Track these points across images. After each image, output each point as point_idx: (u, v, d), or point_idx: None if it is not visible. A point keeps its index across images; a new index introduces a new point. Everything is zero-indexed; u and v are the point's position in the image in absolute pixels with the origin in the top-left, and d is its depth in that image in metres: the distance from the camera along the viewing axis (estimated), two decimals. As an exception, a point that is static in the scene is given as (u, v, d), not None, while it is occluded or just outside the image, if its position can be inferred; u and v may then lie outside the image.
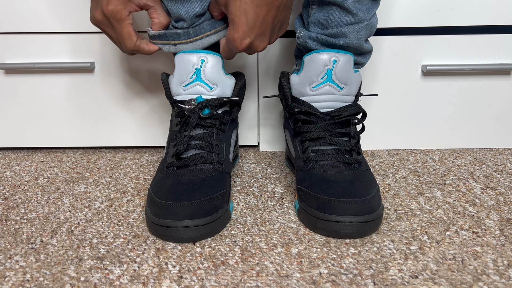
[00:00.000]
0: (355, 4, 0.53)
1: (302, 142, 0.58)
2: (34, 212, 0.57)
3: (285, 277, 0.43)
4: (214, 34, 0.57)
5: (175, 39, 0.56)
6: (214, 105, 0.57)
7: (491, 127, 0.76)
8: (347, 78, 0.56)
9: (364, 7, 0.54)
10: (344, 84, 0.56)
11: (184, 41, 0.57)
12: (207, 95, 0.58)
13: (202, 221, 0.48)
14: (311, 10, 0.57)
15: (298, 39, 0.59)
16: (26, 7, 0.69)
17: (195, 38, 0.56)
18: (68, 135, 0.78)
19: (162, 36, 0.56)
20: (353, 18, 0.54)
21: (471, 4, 0.68)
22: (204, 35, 0.56)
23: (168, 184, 0.52)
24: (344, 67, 0.55)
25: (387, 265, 0.45)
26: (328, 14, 0.55)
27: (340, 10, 0.54)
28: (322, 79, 0.56)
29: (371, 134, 0.77)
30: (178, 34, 0.56)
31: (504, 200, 0.59)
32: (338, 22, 0.55)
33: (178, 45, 0.57)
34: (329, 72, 0.55)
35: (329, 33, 0.56)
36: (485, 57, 0.71)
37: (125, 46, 0.54)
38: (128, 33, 0.53)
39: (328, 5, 0.55)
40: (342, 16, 0.54)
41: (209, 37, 0.57)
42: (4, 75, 0.74)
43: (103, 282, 0.43)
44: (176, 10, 0.54)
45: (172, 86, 0.59)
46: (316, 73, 0.55)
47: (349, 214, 0.48)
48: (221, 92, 0.58)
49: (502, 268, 0.44)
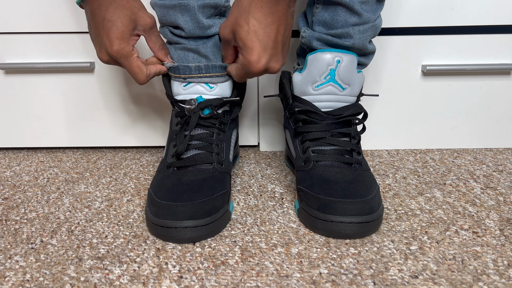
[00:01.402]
0: (361, 5, 0.53)
1: (302, 142, 0.58)
2: (34, 212, 0.57)
3: (285, 277, 0.43)
4: (222, 76, 0.58)
5: (186, 72, 0.57)
6: (214, 105, 0.57)
7: (491, 127, 0.76)
8: (350, 78, 0.55)
9: (370, 8, 0.54)
10: (347, 84, 0.56)
11: (194, 75, 0.57)
12: (207, 95, 0.58)
13: (202, 222, 0.48)
14: (316, 9, 0.57)
15: (302, 38, 0.58)
16: (26, 7, 0.69)
17: (206, 74, 0.57)
18: (68, 135, 0.78)
19: (174, 69, 0.57)
20: (359, 19, 0.54)
21: (471, 4, 0.68)
22: (214, 75, 0.57)
23: (168, 184, 0.52)
24: (347, 67, 0.55)
25: (387, 265, 0.45)
26: (333, 14, 0.55)
27: (346, 10, 0.54)
28: (325, 79, 0.55)
29: (371, 134, 0.77)
30: (190, 68, 0.56)
31: (504, 200, 0.59)
32: (343, 23, 0.54)
33: (188, 78, 0.58)
34: (332, 72, 0.55)
35: (334, 33, 0.55)
36: (485, 57, 0.71)
37: (138, 80, 0.55)
38: (137, 66, 0.53)
39: (334, 5, 0.54)
40: (347, 17, 0.54)
41: (218, 78, 0.58)
42: (4, 75, 0.74)
43: (103, 282, 0.43)
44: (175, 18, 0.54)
45: (173, 86, 0.59)
46: (319, 73, 0.55)
47: (349, 214, 0.48)
48: (221, 92, 0.59)
49: (502, 268, 0.44)
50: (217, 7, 0.55)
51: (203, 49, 0.56)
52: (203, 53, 0.56)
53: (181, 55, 0.57)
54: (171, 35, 0.57)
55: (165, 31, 0.57)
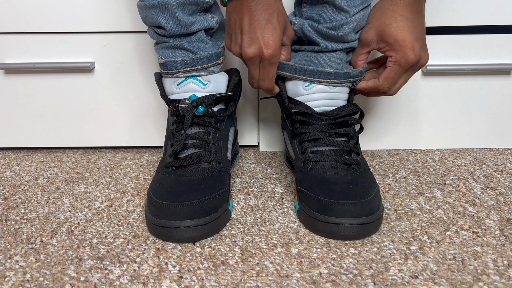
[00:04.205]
0: (347, 1, 0.54)
1: (300, 143, 0.58)
2: (34, 212, 0.57)
3: (285, 277, 0.43)
4: (208, 68, 0.58)
5: (172, 68, 0.57)
6: (208, 102, 0.57)
7: (491, 127, 0.76)
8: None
9: (356, 3, 0.54)
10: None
11: (181, 70, 0.57)
12: (201, 92, 0.58)
13: (201, 221, 0.48)
14: (304, 8, 0.58)
15: (294, 25, 0.58)
16: (26, 7, 0.69)
17: (192, 68, 0.57)
18: (68, 135, 0.78)
19: (163, 66, 0.58)
20: (346, 15, 0.54)
21: (471, 4, 0.68)
22: (200, 67, 0.57)
23: (167, 184, 0.52)
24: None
25: (387, 265, 0.45)
26: (320, 12, 0.55)
27: (332, 8, 0.54)
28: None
29: (371, 134, 0.77)
30: (176, 63, 0.57)
31: (504, 200, 0.59)
32: (331, 20, 0.55)
33: (175, 74, 0.58)
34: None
35: (323, 26, 0.56)
36: (485, 57, 0.71)
37: (264, 86, 0.56)
38: (273, 75, 0.55)
39: (321, 4, 0.55)
40: (334, 14, 0.55)
41: (205, 70, 0.58)
42: (4, 75, 0.74)
43: (103, 282, 0.43)
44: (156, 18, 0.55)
45: (166, 85, 0.59)
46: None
47: (349, 216, 0.48)
48: (215, 89, 0.58)
49: (502, 268, 0.44)
50: (198, 3, 0.54)
51: (188, 45, 0.56)
52: (188, 48, 0.56)
53: (168, 53, 0.57)
54: (156, 35, 0.57)
55: (150, 31, 0.58)
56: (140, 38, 0.72)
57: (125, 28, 0.71)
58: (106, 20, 0.70)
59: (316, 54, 0.57)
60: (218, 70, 0.59)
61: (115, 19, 0.70)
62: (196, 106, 0.56)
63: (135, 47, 0.72)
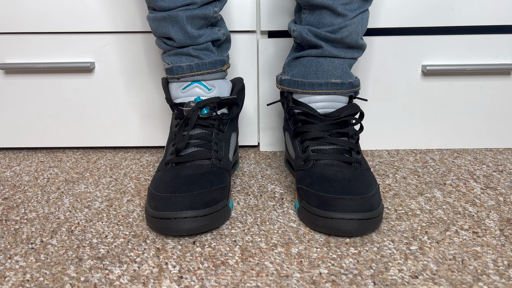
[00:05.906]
0: (345, 6, 0.54)
1: (302, 142, 0.59)
2: (34, 212, 0.57)
3: (285, 277, 0.43)
4: (213, 73, 0.60)
5: (178, 72, 0.59)
6: (212, 105, 0.58)
7: (491, 127, 0.76)
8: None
9: (354, 7, 0.55)
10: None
11: (187, 74, 0.59)
12: (205, 96, 0.59)
13: (201, 212, 0.48)
14: (303, 15, 0.58)
15: (294, 32, 0.59)
16: (26, 7, 0.69)
17: (197, 73, 0.59)
18: (68, 135, 0.78)
19: (169, 71, 0.59)
20: (344, 19, 0.55)
21: (471, 4, 0.68)
22: (205, 72, 0.59)
23: (167, 179, 0.53)
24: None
25: (387, 265, 0.45)
26: (319, 17, 0.56)
27: (330, 13, 0.55)
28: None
29: (371, 134, 0.77)
30: (182, 68, 0.59)
31: (504, 200, 0.59)
32: (329, 24, 0.56)
33: (181, 78, 0.60)
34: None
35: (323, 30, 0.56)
36: (485, 57, 0.71)
37: None
38: None
39: (319, 9, 0.55)
40: (333, 19, 0.55)
41: (210, 74, 0.60)
42: (4, 75, 0.74)
43: (103, 282, 0.43)
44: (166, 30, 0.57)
45: (171, 90, 0.60)
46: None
47: (349, 211, 0.48)
48: (219, 94, 0.60)
49: (502, 268, 0.44)
50: (206, 18, 0.57)
51: (194, 52, 0.58)
52: (194, 55, 0.58)
53: (175, 59, 0.59)
54: (165, 45, 0.60)
55: (159, 42, 0.60)
56: (140, 38, 0.72)
57: (125, 28, 0.71)
58: (106, 20, 0.70)
59: (317, 59, 0.57)
60: (222, 76, 0.61)
61: (115, 19, 0.70)
62: (201, 108, 0.57)
63: (135, 47, 0.72)
